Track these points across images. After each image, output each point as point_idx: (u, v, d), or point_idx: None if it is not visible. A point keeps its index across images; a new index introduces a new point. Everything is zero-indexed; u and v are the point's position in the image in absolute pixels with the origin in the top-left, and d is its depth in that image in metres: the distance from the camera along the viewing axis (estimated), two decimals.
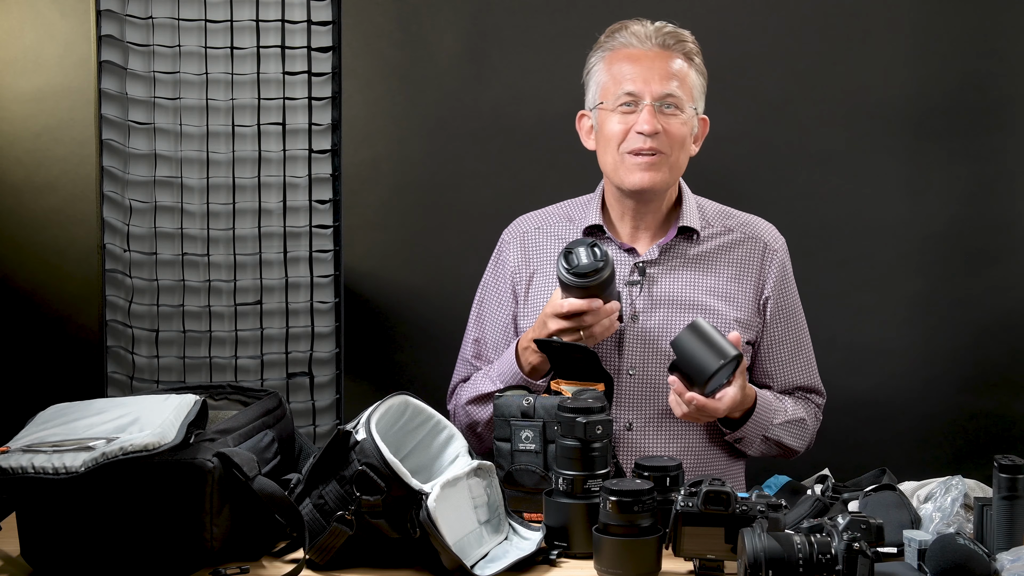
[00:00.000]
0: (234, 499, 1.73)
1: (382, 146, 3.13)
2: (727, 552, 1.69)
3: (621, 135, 2.23)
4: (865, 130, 3.12)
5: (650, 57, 2.24)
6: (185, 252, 2.64)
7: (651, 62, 2.23)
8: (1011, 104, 3.09)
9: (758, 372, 2.34)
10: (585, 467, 1.80)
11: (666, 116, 2.22)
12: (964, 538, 1.66)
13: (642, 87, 2.22)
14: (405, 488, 1.70)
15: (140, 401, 1.82)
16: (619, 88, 2.23)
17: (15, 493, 1.73)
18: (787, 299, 2.34)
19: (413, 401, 1.85)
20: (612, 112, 2.24)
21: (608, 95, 2.24)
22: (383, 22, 3.11)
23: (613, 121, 2.24)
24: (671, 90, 2.22)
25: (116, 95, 2.61)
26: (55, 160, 3.01)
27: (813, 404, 2.37)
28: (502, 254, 2.41)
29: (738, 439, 2.23)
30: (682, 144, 2.25)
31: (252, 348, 2.67)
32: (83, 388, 2.45)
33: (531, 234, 2.39)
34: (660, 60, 2.24)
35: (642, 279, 2.28)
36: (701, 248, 2.31)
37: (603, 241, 2.30)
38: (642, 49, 2.24)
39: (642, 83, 2.22)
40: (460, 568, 1.69)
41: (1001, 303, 3.11)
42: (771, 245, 2.34)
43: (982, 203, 3.11)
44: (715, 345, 2.01)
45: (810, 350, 2.38)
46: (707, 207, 2.37)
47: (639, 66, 2.23)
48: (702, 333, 2.02)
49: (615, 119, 2.23)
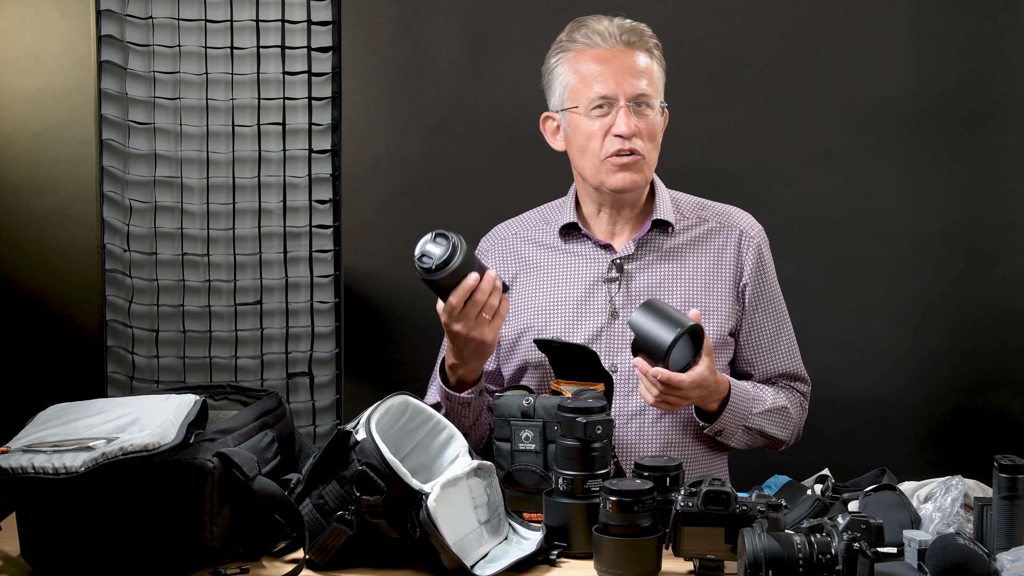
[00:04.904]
0: (234, 499, 1.73)
1: (382, 146, 3.13)
2: (727, 552, 1.69)
3: (600, 138, 2.22)
4: (865, 130, 3.12)
5: (617, 56, 2.22)
6: (185, 252, 2.64)
7: (619, 61, 2.22)
8: (1011, 104, 3.10)
9: (739, 361, 2.34)
10: (585, 467, 1.80)
11: (639, 115, 2.22)
12: (964, 538, 1.66)
13: (615, 89, 2.21)
14: (405, 488, 1.70)
15: (140, 401, 1.82)
16: (590, 91, 2.22)
17: (15, 493, 1.73)
18: (766, 286, 2.34)
19: (413, 401, 1.85)
20: (585, 116, 2.23)
21: (580, 98, 2.23)
22: (383, 22, 3.11)
23: (588, 125, 2.23)
24: (643, 89, 2.21)
25: (116, 95, 2.62)
26: (55, 160, 3.01)
27: (797, 392, 2.36)
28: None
29: (718, 431, 2.23)
30: (655, 140, 2.26)
31: (252, 348, 2.67)
32: (83, 388, 2.45)
33: (508, 240, 2.39)
34: (628, 59, 2.22)
35: (620, 275, 2.28)
36: (677, 240, 2.31)
37: (579, 239, 2.32)
38: (608, 48, 2.22)
39: (615, 85, 2.21)
40: (460, 568, 1.69)
41: (1001, 303, 3.11)
42: (747, 232, 2.34)
43: (982, 203, 3.12)
44: (671, 318, 2.02)
45: (792, 337, 2.37)
46: (681, 200, 2.37)
47: (609, 67, 2.21)
48: (657, 309, 2.04)
49: (589, 123, 2.22)
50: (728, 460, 2.36)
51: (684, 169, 2.53)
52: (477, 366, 2.17)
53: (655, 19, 2.31)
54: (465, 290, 2.04)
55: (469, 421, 2.21)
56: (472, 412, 2.20)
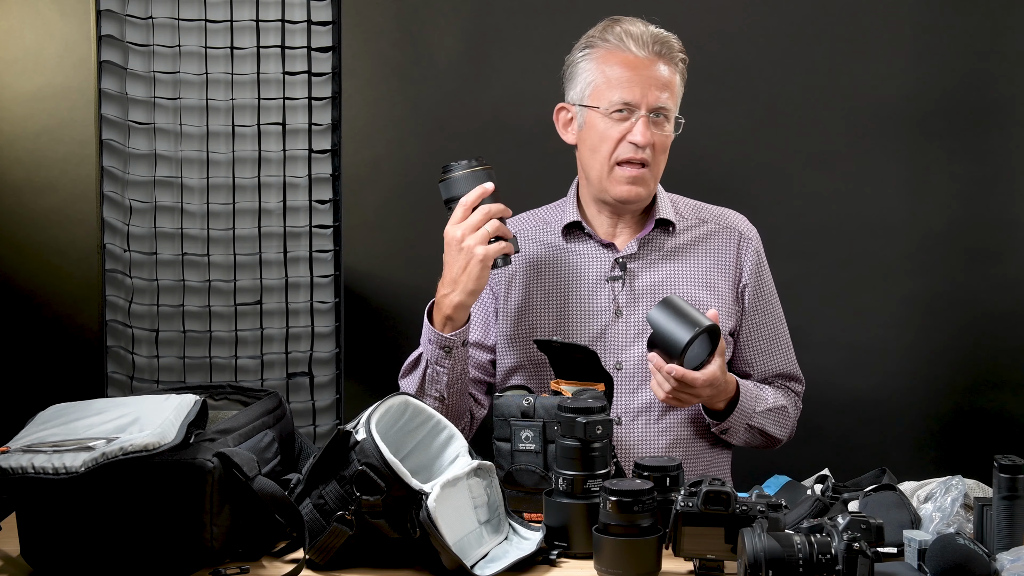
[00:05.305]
0: (234, 499, 1.73)
1: (382, 146, 3.13)
2: (727, 552, 1.69)
3: (614, 142, 2.23)
4: (865, 130, 3.12)
5: (646, 65, 2.23)
6: (185, 252, 2.64)
7: (647, 71, 2.23)
8: (1011, 104, 3.10)
9: (738, 361, 2.36)
10: (585, 467, 1.80)
11: (657, 126, 2.24)
12: (964, 538, 1.66)
13: (639, 97, 2.22)
14: (405, 488, 1.70)
15: (140, 401, 1.82)
16: (614, 94, 2.22)
17: (15, 493, 1.73)
18: (764, 287, 2.37)
19: (413, 401, 1.85)
20: (603, 117, 2.24)
21: (602, 99, 2.24)
22: (383, 22, 3.11)
23: (605, 127, 2.24)
24: (663, 102, 2.23)
25: (116, 95, 2.62)
26: (55, 160, 3.01)
27: (792, 392, 2.39)
28: None
29: (724, 430, 2.25)
30: (665, 153, 2.28)
31: (252, 348, 2.67)
32: (83, 388, 2.45)
33: None
34: (655, 69, 2.23)
35: (623, 274, 2.29)
36: (678, 240, 2.34)
37: (581, 238, 2.33)
38: (638, 56, 2.23)
39: (639, 93, 2.22)
40: (460, 568, 1.69)
41: (1001, 303, 3.11)
42: (745, 234, 2.37)
43: (982, 202, 3.12)
44: (689, 316, 2.03)
45: (787, 337, 2.40)
46: (679, 202, 2.39)
47: (636, 74, 2.22)
48: (676, 306, 2.05)
49: (606, 125, 2.24)
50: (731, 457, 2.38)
51: (684, 169, 2.53)
52: (468, 300, 2.16)
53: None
54: (481, 191, 2.14)
55: (449, 378, 2.20)
56: (453, 365, 2.19)
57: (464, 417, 2.29)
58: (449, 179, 2.18)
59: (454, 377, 2.20)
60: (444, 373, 2.19)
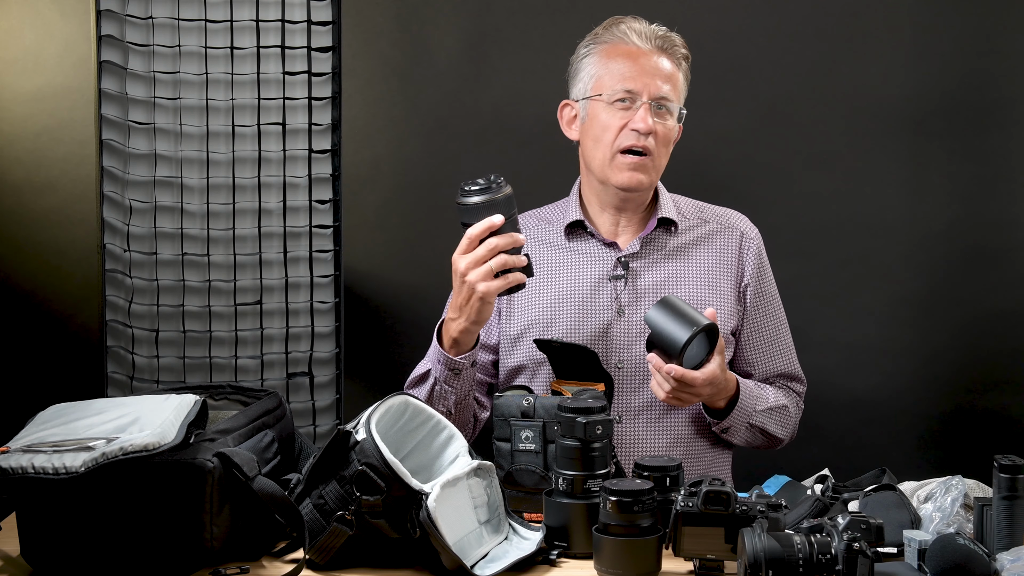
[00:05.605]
0: (234, 499, 1.73)
1: (382, 146, 3.13)
2: (727, 552, 1.69)
3: (616, 130, 2.25)
4: (865, 130, 3.12)
5: (648, 56, 2.26)
6: (185, 252, 2.64)
7: (649, 61, 2.26)
8: (1011, 104, 3.10)
9: (740, 361, 2.36)
10: (585, 467, 1.80)
11: (659, 116, 2.25)
12: (964, 538, 1.66)
13: (641, 86, 2.24)
14: (405, 488, 1.69)
15: (140, 401, 1.82)
16: (617, 84, 2.25)
17: (15, 493, 1.73)
18: (765, 286, 2.38)
19: (413, 401, 1.85)
20: (608, 106, 2.25)
21: (604, 87, 2.26)
22: (383, 22, 3.11)
23: (607, 116, 2.25)
24: (665, 93, 2.26)
25: (116, 95, 2.62)
26: (55, 160, 3.01)
27: (794, 392, 2.39)
28: None
29: (724, 429, 2.25)
30: (667, 146, 2.29)
31: (252, 348, 2.67)
32: (83, 388, 2.45)
33: None
34: (658, 61, 2.26)
35: (625, 273, 2.30)
36: (680, 240, 2.34)
37: (584, 237, 2.34)
38: (641, 48, 2.26)
39: (641, 82, 2.24)
40: (460, 568, 1.69)
41: (1001, 303, 3.11)
42: (747, 234, 2.38)
43: (982, 203, 3.12)
44: (687, 316, 2.04)
45: (789, 337, 2.41)
46: (681, 202, 2.40)
47: (638, 64, 2.25)
48: (673, 306, 2.05)
49: (609, 114, 2.25)
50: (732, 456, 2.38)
51: (684, 169, 2.53)
52: (472, 328, 2.13)
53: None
54: (488, 225, 2.05)
55: (456, 395, 2.20)
56: (461, 384, 2.19)
57: (468, 423, 2.29)
58: (460, 206, 2.09)
59: (461, 395, 2.21)
60: (452, 392, 2.19)
